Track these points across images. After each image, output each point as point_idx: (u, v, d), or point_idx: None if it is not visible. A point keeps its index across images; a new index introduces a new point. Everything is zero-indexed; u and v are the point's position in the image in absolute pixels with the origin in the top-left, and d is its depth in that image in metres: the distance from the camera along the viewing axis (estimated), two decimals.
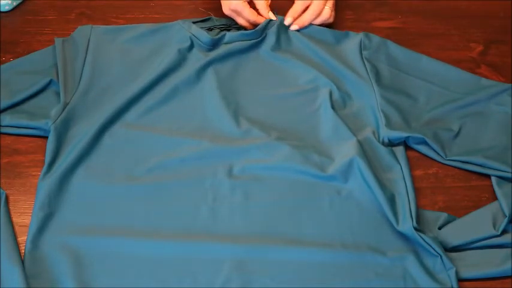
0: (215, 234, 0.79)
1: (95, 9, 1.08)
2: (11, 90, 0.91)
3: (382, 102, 0.93)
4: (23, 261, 0.75)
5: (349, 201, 0.83)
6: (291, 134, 0.90)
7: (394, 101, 0.94)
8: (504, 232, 0.80)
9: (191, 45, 0.98)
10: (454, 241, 0.80)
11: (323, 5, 1.03)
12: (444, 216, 0.83)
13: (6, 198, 0.82)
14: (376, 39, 1.01)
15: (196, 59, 0.97)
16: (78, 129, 0.87)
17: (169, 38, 0.99)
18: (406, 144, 0.91)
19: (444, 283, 0.76)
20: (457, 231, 0.81)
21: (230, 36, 0.99)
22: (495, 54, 1.07)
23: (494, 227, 0.80)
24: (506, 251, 0.79)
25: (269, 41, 1.00)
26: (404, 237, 0.80)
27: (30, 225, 0.78)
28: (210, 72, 0.96)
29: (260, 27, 1.00)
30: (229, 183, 0.84)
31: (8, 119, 0.88)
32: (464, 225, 0.82)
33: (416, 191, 0.85)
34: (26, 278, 0.73)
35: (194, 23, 1.02)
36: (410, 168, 0.87)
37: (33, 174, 0.85)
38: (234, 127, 0.90)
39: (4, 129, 0.88)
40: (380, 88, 0.95)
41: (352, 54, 1.00)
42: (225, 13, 1.02)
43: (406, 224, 0.80)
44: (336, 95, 0.94)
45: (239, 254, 0.77)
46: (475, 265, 0.78)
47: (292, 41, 1.02)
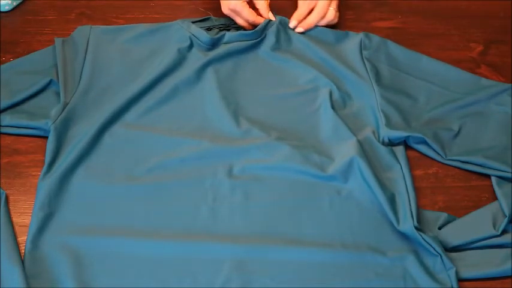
0: (215, 234, 0.79)
1: (95, 9, 1.08)
2: (11, 90, 0.91)
3: (382, 102, 0.93)
4: (23, 261, 0.75)
5: (349, 201, 0.83)
6: (291, 134, 0.90)
7: (394, 100, 0.94)
8: (504, 232, 0.80)
9: (190, 44, 0.98)
10: (454, 241, 0.80)
11: (327, 6, 1.03)
12: (444, 216, 0.83)
13: (6, 198, 0.82)
14: (376, 39, 1.01)
15: (196, 59, 0.97)
16: (78, 129, 0.87)
17: (169, 38, 0.99)
18: (406, 144, 0.91)
19: (444, 283, 0.76)
20: (457, 231, 0.81)
21: (229, 36, 0.99)
22: (495, 54, 1.06)
23: (494, 227, 0.80)
24: (506, 251, 0.79)
25: (269, 41, 1.00)
26: (404, 237, 0.80)
27: (30, 225, 0.78)
28: (209, 72, 0.96)
29: (260, 28, 1.00)
30: (229, 183, 0.84)
31: (8, 119, 0.88)
32: (464, 225, 0.82)
33: (417, 190, 0.85)
34: (26, 278, 0.73)
35: (193, 22, 1.02)
36: (411, 168, 0.87)
37: (33, 174, 0.85)
38: (234, 127, 0.90)
39: (4, 129, 0.88)
40: (380, 88, 0.95)
41: (352, 54, 1.00)
42: (224, 13, 1.02)
43: (407, 224, 0.80)
44: (336, 95, 0.94)
45: (239, 254, 0.77)
46: (475, 265, 0.78)
47: (292, 41, 1.02)
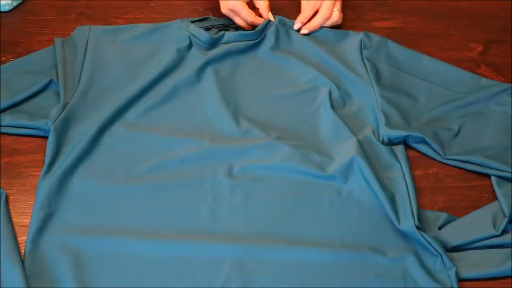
0: (215, 234, 0.79)
1: (95, 9, 1.08)
2: (11, 90, 0.91)
3: (382, 102, 0.93)
4: (23, 261, 0.75)
5: (349, 201, 0.83)
6: (291, 133, 0.90)
7: (394, 100, 0.94)
8: (504, 232, 0.80)
9: (190, 44, 0.98)
10: (454, 241, 0.80)
11: (332, 7, 1.02)
12: (444, 216, 0.83)
13: (6, 198, 0.82)
14: (376, 39, 1.01)
15: (195, 59, 0.97)
16: (78, 129, 0.87)
17: (168, 38, 0.99)
18: (406, 143, 0.91)
19: (444, 283, 0.76)
20: (457, 231, 0.81)
21: (229, 36, 0.99)
22: (495, 54, 1.06)
23: (494, 227, 0.80)
24: (506, 251, 0.79)
25: (268, 41, 1.00)
26: (404, 237, 0.80)
27: (30, 225, 0.78)
28: (209, 71, 0.96)
29: (259, 28, 1.00)
30: (229, 183, 0.84)
31: (8, 119, 0.88)
32: (464, 225, 0.82)
33: (417, 191, 0.85)
34: (26, 278, 0.73)
35: (192, 22, 1.01)
36: (411, 168, 0.87)
37: (33, 174, 0.85)
38: (234, 127, 0.90)
39: (4, 129, 0.88)
40: (380, 87, 0.95)
41: (352, 53, 1.00)
42: (223, 12, 1.02)
43: (408, 223, 0.80)
44: (336, 94, 0.94)
45: (239, 254, 0.77)
46: (475, 265, 0.78)
47: (291, 40, 1.01)
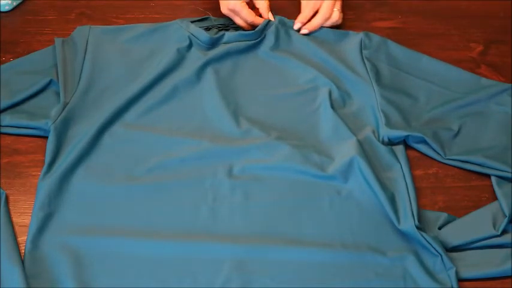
0: (215, 234, 0.79)
1: (95, 9, 1.08)
2: (11, 90, 0.91)
3: (382, 102, 0.93)
4: (23, 261, 0.75)
5: (349, 201, 0.83)
6: (291, 133, 0.90)
7: (394, 100, 0.94)
8: (504, 232, 0.80)
9: (190, 44, 0.98)
10: (454, 241, 0.80)
11: (332, 7, 1.02)
12: (444, 216, 0.83)
13: (6, 198, 0.82)
14: (376, 39, 1.01)
15: (195, 59, 0.97)
16: (78, 129, 0.87)
17: (168, 38, 0.99)
18: (405, 143, 0.91)
19: (444, 283, 0.76)
20: (457, 231, 0.81)
21: (229, 36, 0.99)
22: (495, 54, 1.06)
23: (494, 227, 0.80)
24: (506, 251, 0.79)
25: (268, 41, 1.00)
26: (404, 237, 0.80)
27: (30, 225, 0.78)
28: (209, 71, 0.96)
29: (259, 28, 1.00)
30: (229, 183, 0.84)
31: (8, 119, 0.88)
32: (464, 225, 0.82)
33: (417, 191, 0.85)
34: (26, 278, 0.73)
35: (192, 22, 1.01)
36: (411, 168, 0.87)
37: (33, 174, 0.85)
38: (234, 127, 0.90)
39: (4, 129, 0.88)
40: (380, 87, 0.94)
41: (352, 53, 1.00)
42: (223, 12, 1.02)
43: (408, 223, 0.80)
44: (336, 94, 0.94)
45: (239, 254, 0.77)
46: (475, 265, 0.78)
47: (291, 40, 1.01)
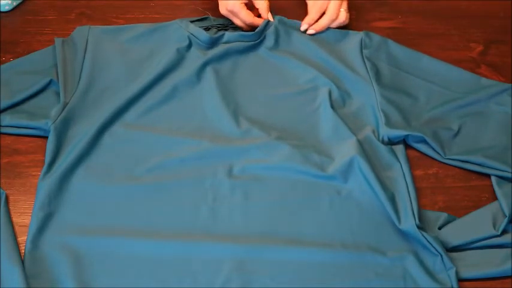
0: (215, 234, 0.79)
1: (95, 9, 1.08)
2: (11, 90, 0.91)
3: (382, 101, 0.93)
4: (23, 261, 0.75)
5: (349, 201, 0.83)
6: (291, 133, 0.90)
7: (394, 100, 0.94)
8: (504, 232, 0.80)
9: (189, 44, 0.98)
10: (454, 241, 0.80)
11: (339, 8, 1.02)
12: (444, 216, 0.83)
13: (6, 198, 0.82)
14: (376, 38, 1.01)
15: (195, 58, 0.97)
16: (78, 129, 0.87)
17: (167, 38, 0.99)
18: (405, 143, 0.91)
19: (444, 283, 0.76)
20: (457, 231, 0.81)
21: (229, 36, 0.99)
22: (495, 54, 1.07)
23: (494, 227, 0.80)
24: (506, 251, 0.79)
25: (268, 40, 1.00)
26: (404, 237, 0.80)
27: (30, 225, 0.78)
28: (209, 71, 0.96)
29: (259, 29, 1.00)
30: (229, 183, 0.84)
31: (8, 119, 0.88)
32: (464, 225, 0.82)
33: (417, 191, 0.85)
34: (26, 278, 0.73)
35: (192, 22, 1.01)
36: (411, 168, 0.87)
37: (33, 174, 0.85)
38: (234, 127, 0.90)
39: (4, 129, 0.88)
40: (380, 87, 0.95)
41: (352, 53, 1.00)
42: (222, 13, 1.01)
43: (408, 222, 0.80)
44: (336, 94, 0.94)
45: (239, 254, 0.77)
46: (475, 265, 0.78)
47: (291, 40, 1.01)
